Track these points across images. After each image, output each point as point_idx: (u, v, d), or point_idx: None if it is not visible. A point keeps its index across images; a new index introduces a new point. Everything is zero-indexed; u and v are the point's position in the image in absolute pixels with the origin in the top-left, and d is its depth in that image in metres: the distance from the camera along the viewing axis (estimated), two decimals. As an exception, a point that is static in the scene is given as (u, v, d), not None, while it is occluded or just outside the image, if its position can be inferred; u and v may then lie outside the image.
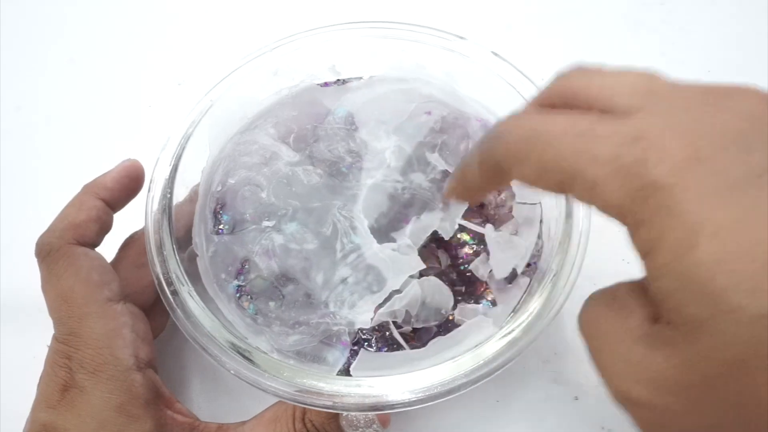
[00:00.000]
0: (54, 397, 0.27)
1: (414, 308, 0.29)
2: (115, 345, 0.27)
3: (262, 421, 0.29)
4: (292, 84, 0.35)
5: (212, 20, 0.48)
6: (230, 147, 0.34)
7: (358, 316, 0.29)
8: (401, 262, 0.29)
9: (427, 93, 0.34)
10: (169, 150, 0.31)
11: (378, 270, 0.29)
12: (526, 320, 0.27)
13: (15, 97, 0.45)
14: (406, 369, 0.26)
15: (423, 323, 0.29)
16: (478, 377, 0.26)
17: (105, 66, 0.46)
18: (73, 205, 0.30)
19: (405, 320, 0.29)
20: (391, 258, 0.29)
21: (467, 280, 0.31)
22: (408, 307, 0.29)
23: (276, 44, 0.34)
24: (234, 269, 0.31)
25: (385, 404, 0.25)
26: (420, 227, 0.30)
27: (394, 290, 0.29)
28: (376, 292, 0.29)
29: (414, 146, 0.32)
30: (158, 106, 0.43)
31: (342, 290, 0.29)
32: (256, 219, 0.31)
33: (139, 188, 0.32)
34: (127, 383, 0.27)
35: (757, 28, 0.44)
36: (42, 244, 0.29)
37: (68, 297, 0.28)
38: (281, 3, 0.48)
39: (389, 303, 0.29)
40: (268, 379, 0.26)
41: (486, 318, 0.29)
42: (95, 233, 0.30)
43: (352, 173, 0.32)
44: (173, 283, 0.28)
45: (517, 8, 0.47)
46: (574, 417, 0.33)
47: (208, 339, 0.27)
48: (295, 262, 0.30)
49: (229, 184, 0.33)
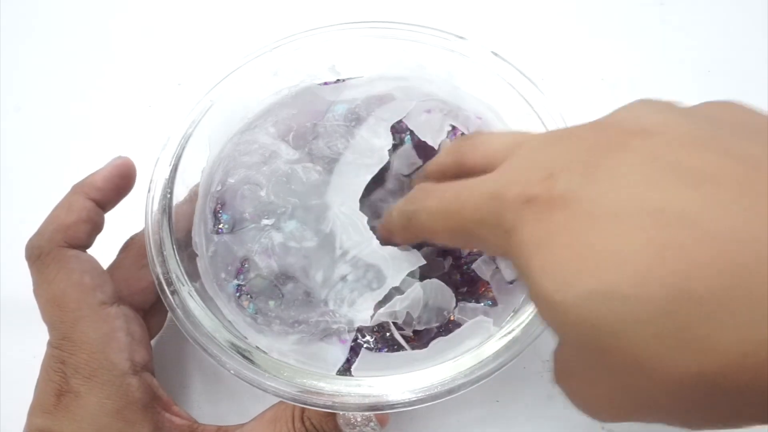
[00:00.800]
0: (49, 402, 0.27)
1: (416, 310, 0.29)
2: (109, 349, 0.27)
3: (262, 422, 0.29)
4: (292, 84, 0.35)
5: (212, 20, 0.48)
6: (230, 147, 0.34)
7: (358, 313, 0.29)
8: (400, 259, 0.29)
9: (427, 91, 0.34)
10: (169, 150, 0.31)
11: (377, 267, 0.29)
12: (527, 320, 0.27)
13: (15, 97, 0.45)
14: (407, 369, 0.26)
15: (425, 325, 0.29)
16: (478, 377, 0.26)
17: (105, 66, 0.46)
18: (62, 206, 0.29)
19: (406, 322, 0.29)
20: (391, 255, 0.29)
21: (469, 280, 0.31)
22: (409, 309, 0.29)
23: (276, 44, 0.34)
24: (234, 268, 0.30)
25: (385, 404, 0.25)
26: None
27: (394, 287, 0.29)
28: (376, 289, 0.29)
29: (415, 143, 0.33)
30: (158, 106, 0.43)
31: (341, 288, 0.29)
32: (255, 218, 0.31)
33: (130, 187, 0.31)
34: (123, 388, 0.27)
35: (757, 28, 0.44)
36: (32, 248, 0.28)
37: (60, 301, 0.27)
38: (281, 3, 0.48)
39: (390, 303, 0.29)
40: (268, 379, 0.26)
41: (486, 319, 0.29)
42: (86, 235, 0.29)
43: (350, 169, 0.32)
44: (173, 283, 0.28)
45: (517, 8, 0.47)
46: (574, 417, 0.32)
47: (208, 339, 0.27)
48: (294, 260, 0.30)
49: (229, 183, 0.32)
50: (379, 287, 0.29)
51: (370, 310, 0.29)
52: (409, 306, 0.29)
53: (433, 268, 0.31)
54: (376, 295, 0.29)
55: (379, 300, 0.29)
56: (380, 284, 0.29)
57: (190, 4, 0.49)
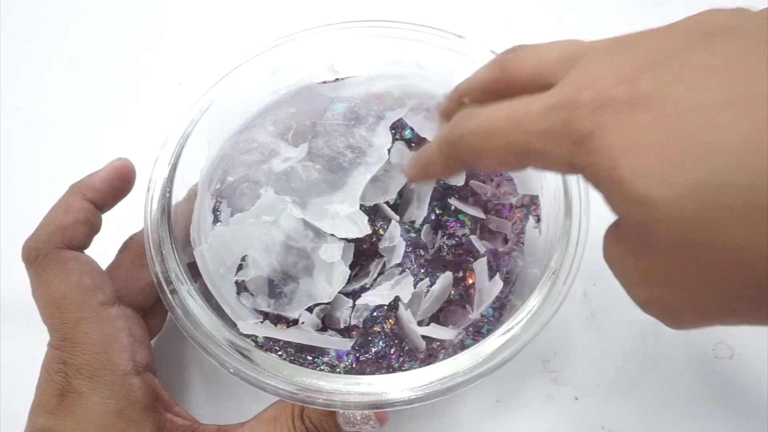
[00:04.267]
0: (52, 402, 0.27)
1: (428, 302, 0.29)
2: (111, 349, 0.27)
3: (262, 421, 0.29)
4: (291, 83, 0.35)
5: (212, 20, 0.48)
6: (229, 146, 0.34)
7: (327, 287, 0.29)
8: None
9: (426, 89, 0.34)
10: (169, 149, 0.31)
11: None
12: (525, 318, 0.27)
13: (15, 97, 0.45)
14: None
15: (423, 315, 0.30)
16: (478, 375, 0.26)
17: (105, 66, 0.46)
18: (59, 206, 0.29)
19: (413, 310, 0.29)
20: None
21: (457, 264, 0.31)
22: (425, 302, 0.29)
23: (275, 43, 0.34)
24: (233, 266, 0.30)
25: (384, 402, 0.25)
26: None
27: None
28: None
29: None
30: (158, 106, 0.43)
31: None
32: (254, 215, 0.31)
33: (129, 188, 0.31)
34: (125, 388, 0.27)
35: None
36: (29, 249, 0.28)
37: (60, 303, 0.27)
38: (280, 3, 0.48)
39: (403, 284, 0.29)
40: (268, 378, 0.26)
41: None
42: (83, 236, 0.29)
43: (351, 168, 0.32)
44: (172, 282, 0.28)
45: (517, 7, 0.47)
46: (574, 417, 0.33)
47: (208, 338, 0.27)
48: (293, 258, 0.30)
49: (228, 181, 0.33)
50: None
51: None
52: (432, 298, 0.30)
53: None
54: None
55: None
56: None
57: (190, 4, 0.49)
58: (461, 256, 0.31)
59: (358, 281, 0.31)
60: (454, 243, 0.31)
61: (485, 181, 0.33)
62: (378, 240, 0.31)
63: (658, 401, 0.33)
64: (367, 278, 0.31)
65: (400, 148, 0.32)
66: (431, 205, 0.32)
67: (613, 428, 0.32)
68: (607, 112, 0.18)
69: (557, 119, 0.19)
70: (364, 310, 0.30)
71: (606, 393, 0.33)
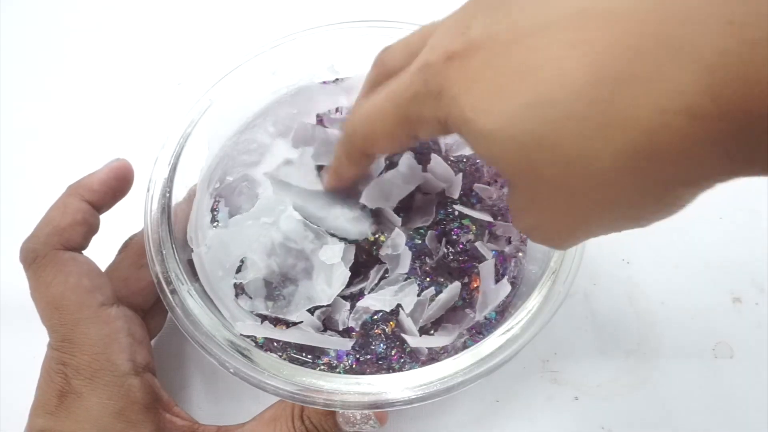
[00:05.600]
0: (51, 402, 0.27)
1: (432, 309, 0.29)
2: (111, 350, 0.27)
3: (262, 421, 0.29)
4: (291, 83, 0.35)
5: (212, 20, 0.48)
6: (229, 146, 0.34)
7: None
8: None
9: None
10: (168, 149, 0.31)
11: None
12: (525, 318, 0.27)
13: (15, 97, 0.45)
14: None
15: (426, 321, 0.29)
16: (477, 375, 0.26)
17: (105, 66, 0.46)
18: (57, 207, 0.29)
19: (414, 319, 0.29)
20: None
21: (462, 271, 0.31)
22: (429, 309, 0.29)
23: (275, 43, 0.34)
24: (231, 268, 0.30)
25: (384, 402, 0.25)
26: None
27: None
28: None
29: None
30: (158, 106, 0.43)
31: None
32: (254, 215, 0.31)
33: (127, 189, 0.30)
34: (124, 388, 0.27)
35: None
36: (27, 251, 0.28)
37: (59, 304, 0.27)
38: (280, 3, 0.48)
39: (407, 291, 0.29)
40: (268, 378, 0.26)
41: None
42: (81, 237, 0.29)
43: None
44: (172, 282, 0.28)
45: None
46: (574, 417, 0.33)
47: (208, 338, 0.27)
48: (292, 260, 0.30)
49: (228, 181, 0.33)
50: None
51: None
52: (437, 306, 0.29)
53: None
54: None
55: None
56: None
57: (190, 4, 0.49)
58: (466, 263, 0.31)
59: (357, 285, 0.31)
60: (459, 250, 0.31)
61: (490, 183, 0.33)
62: (378, 248, 0.30)
63: (658, 401, 0.33)
64: (367, 282, 0.30)
65: (408, 158, 0.32)
66: (437, 212, 0.31)
67: (613, 428, 0.32)
68: (452, 65, 0.20)
69: (418, 82, 0.21)
70: (363, 313, 0.29)
71: (606, 393, 0.33)
